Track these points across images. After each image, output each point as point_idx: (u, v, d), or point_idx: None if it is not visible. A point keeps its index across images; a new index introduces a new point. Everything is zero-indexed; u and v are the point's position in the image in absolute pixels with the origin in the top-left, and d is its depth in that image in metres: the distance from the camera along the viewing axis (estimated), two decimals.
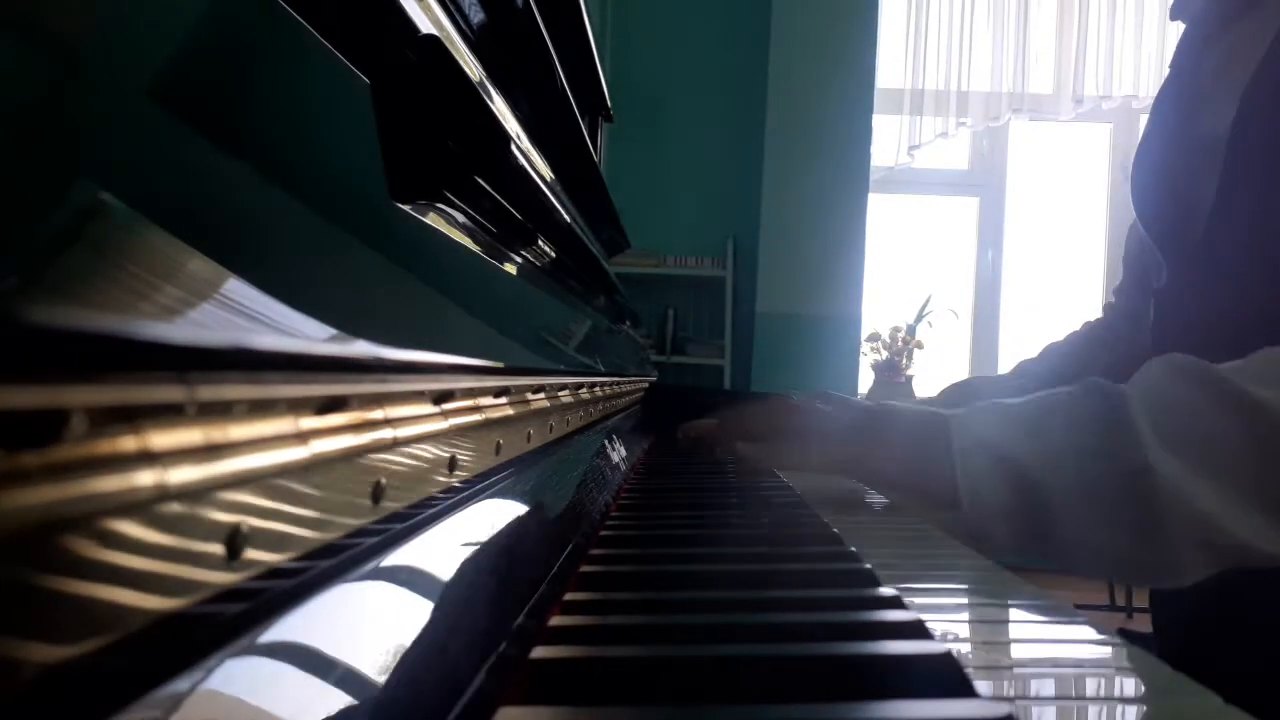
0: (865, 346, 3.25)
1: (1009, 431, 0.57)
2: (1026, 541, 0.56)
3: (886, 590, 0.37)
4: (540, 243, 0.58)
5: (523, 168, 0.45)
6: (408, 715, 0.21)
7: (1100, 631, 0.35)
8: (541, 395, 0.50)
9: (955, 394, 1.00)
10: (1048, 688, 0.30)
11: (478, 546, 0.30)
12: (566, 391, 0.60)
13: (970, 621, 0.39)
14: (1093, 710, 0.29)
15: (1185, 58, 0.80)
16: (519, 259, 0.52)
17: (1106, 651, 0.33)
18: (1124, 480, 0.52)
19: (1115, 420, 0.54)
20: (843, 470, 0.65)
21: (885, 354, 3.28)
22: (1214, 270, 0.71)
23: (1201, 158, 0.72)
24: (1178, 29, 0.84)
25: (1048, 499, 0.54)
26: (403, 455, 0.26)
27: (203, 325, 0.15)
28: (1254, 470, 0.52)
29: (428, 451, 0.29)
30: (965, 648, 0.33)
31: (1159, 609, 0.80)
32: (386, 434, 0.24)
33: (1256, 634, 0.67)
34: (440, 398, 0.30)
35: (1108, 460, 0.53)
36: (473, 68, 0.43)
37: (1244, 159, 0.68)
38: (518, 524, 0.36)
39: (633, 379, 1.11)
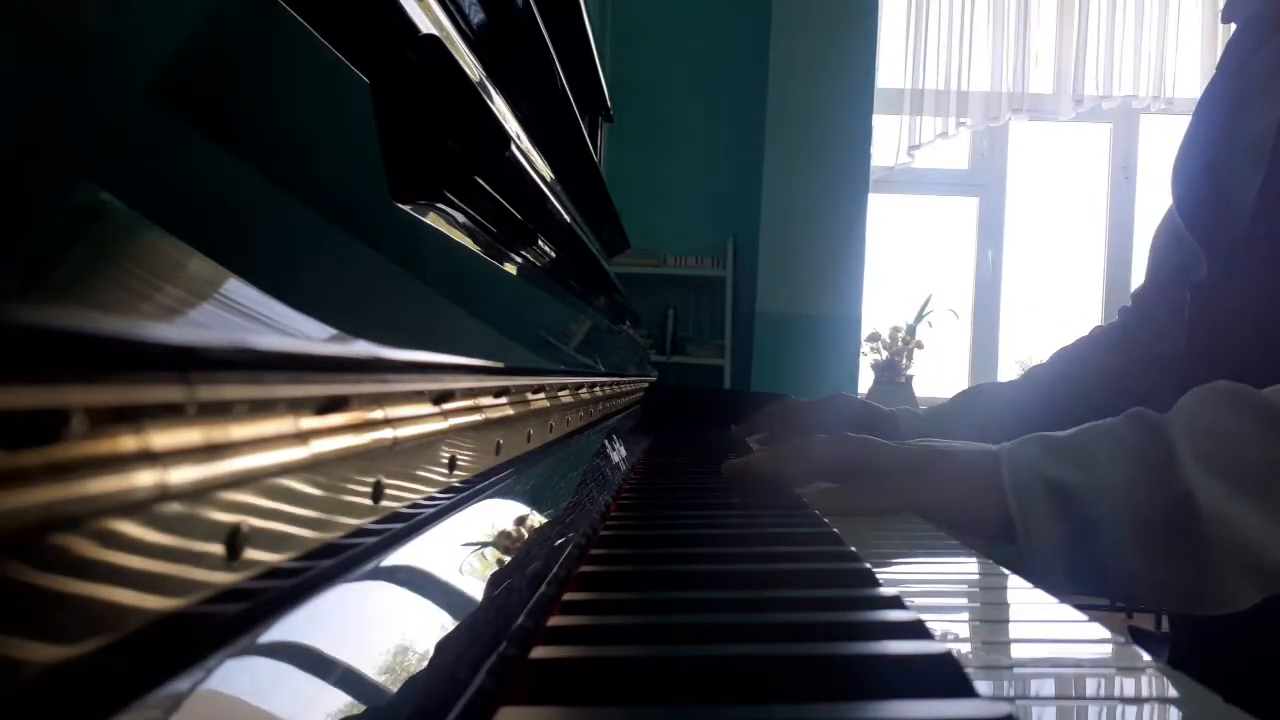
0: (865, 346, 3.25)
1: (1059, 464, 0.57)
2: (1083, 575, 0.56)
3: (886, 590, 0.37)
4: (540, 243, 0.58)
5: (523, 168, 0.45)
6: (408, 715, 0.21)
7: (1103, 631, 0.35)
8: (541, 395, 0.50)
9: (965, 401, 1.00)
10: (1048, 688, 0.30)
11: (478, 546, 0.30)
12: (566, 391, 0.60)
13: (971, 622, 0.39)
14: (1093, 710, 0.29)
15: (1234, 58, 0.81)
16: (519, 259, 0.52)
17: (1107, 651, 0.33)
18: (1169, 509, 0.52)
19: (1158, 448, 0.54)
20: (895, 509, 0.64)
21: (885, 354, 3.28)
22: (1256, 265, 0.71)
23: (1246, 155, 0.73)
24: (1177, 29, 0.85)
25: (1099, 530, 0.54)
26: (403, 455, 0.26)
27: (203, 325, 0.15)
28: None
29: (428, 451, 0.29)
30: (965, 648, 0.33)
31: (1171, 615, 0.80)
32: (386, 434, 0.24)
33: (1258, 634, 0.67)
34: (440, 398, 0.30)
35: (1152, 489, 0.53)
36: (473, 68, 0.43)
37: None
38: (517, 524, 0.36)
39: (633, 379, 1.11)
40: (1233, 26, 0.84)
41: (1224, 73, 0.82)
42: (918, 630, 0.32)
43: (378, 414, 0.24)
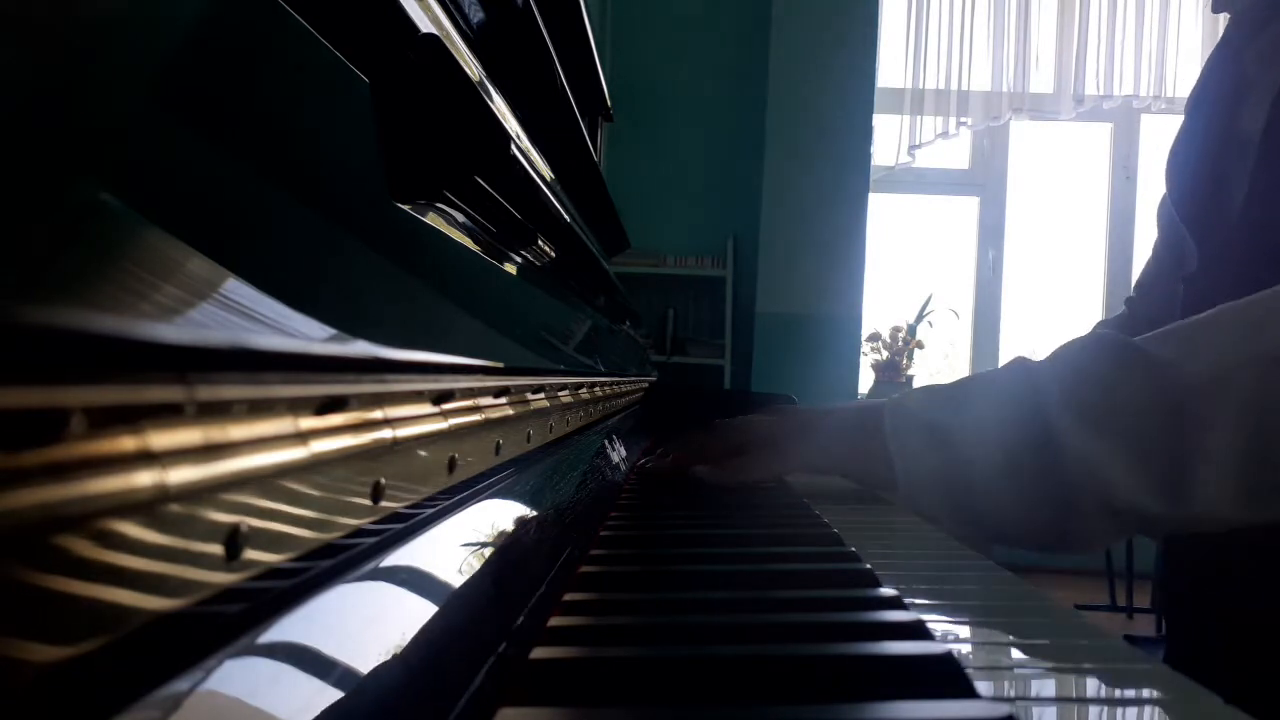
0: (866, 346, 3.25)
1: (937, 406, 0.61)
2: (960, 514, 0.59)
3: (887, 590, 0.37)
4: (540, 243, 0.58)
5: (523, 168, 0.45)
6: (408, 716, 0.21)
7: (1104, 631, 0.35)
8: (541, 395, 0.50)
9: None
10: (1048, 688, 0.30)
11: (478, 547, 0.30)
12: (566, 392, 0.60)
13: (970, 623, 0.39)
14: (1093, 711, 0.29)
15: (1228, 48, 0.81)
16: (519, 259, 0.52)
17: (1107, 652, 0.33)
18: (1035, 448, 0.55)
19: (1029, 390, 0.57)
20: (794, 468, 0.69)
21: (886, 354, 3.28)
22: (1245, 258, 0.71)
23: (1238, 146, 0.73)
24: (1177, 29, 0.85)
25: (972, 466, 0.57)
26: (402, 455, 0.26)
27: (203, 325, 0.15)
28: (1152, 432, 0.54)
29: (428, 451, 0.29)
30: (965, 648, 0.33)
31: (1165, 610, 0.80)
32: (386, 434, 0.24)
33: (1258, 634, 0.67)
34: (440, 398, 0.30)
35: (1021, 428, 0.56)
36: (473, 67, 0.43)
37: (1277, 148, 0.69)
38: (518, 524, 0.36)
39: (633, 379, 1.11)
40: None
41: (1217, 64, 0.82)
42: (918, 631, 0.32)
43: (377, 414, 0.24)
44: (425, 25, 0.33)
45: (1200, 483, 0.52)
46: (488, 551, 0.31)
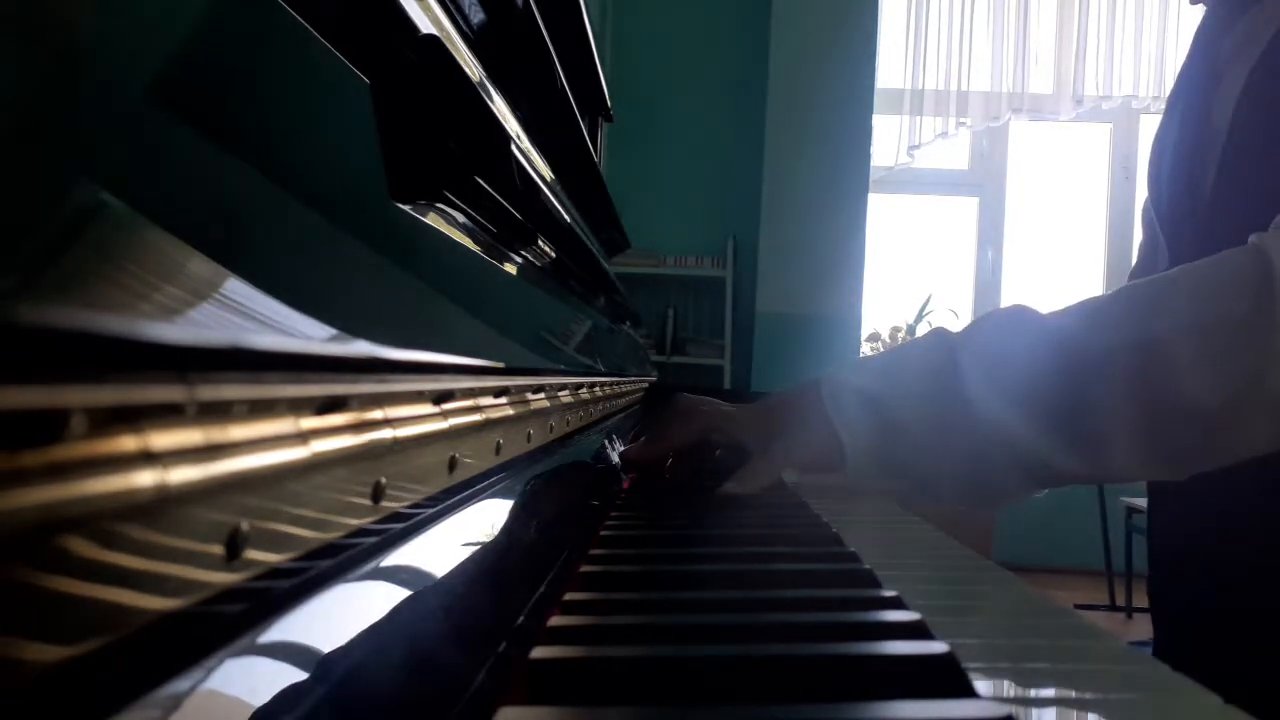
0: (865, 346, 3.25)
1: (868, 377, 0.65)
2: (897, 479, 0.64)
3: (887, 590, 0.37)
4: (540, 243, 0.58)
5: (523, 168, 0.45)
6: (408, 715, 0.21)
7: (1104, 632, 0.35)
8: (541, 395, 0.50)
9: None
10: (1048, 688, 0.30)
11: (478, 547, 0.30)
12: (566, 391, 0.60)
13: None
14: (1092, 710, 0.29)
15: (1203, 41, 0.80)
16: (519, 259, 0.52)
17: (1106, 652, 0.33)
18: (954, 415, 0.61)
19: (948, 363, 0.62)
20: (752, 449, 0.70)
21: None
22: (1213, 251, 0.71)
23: (1209, 139, 0.73)
24: (1177, 29, 0.85)
25: (904, 432, 0.62)
26: (403, 455, 0.26)
27: (203, 325, 0.15)
28: (1057, 398, 0.59)
29: (428, 451, 0.29)
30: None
31: (1159, 609, 0.80)
32: (386, 434, 0.24)
33: (1257, 634, 0.67)
34: (440, 398, 0.30)
35: (943, 397, 0.62)
36: (473, 68, 0.43)
37: (1242, 144, 0.68)
38: (517, 524, 0.36)
39: (633, 379, 1.11)
40: (1191, 14, 0.83)
41: (1193, 58, 0.81)
42: (918, 630, 0.32)
43: (377, 414, 0.24)
44: (425, 26, 0.33)
45: (1108, 443, 0.58)
46: (488, 551, 0.31)
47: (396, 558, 0.24)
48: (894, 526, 0.63)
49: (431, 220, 0.33)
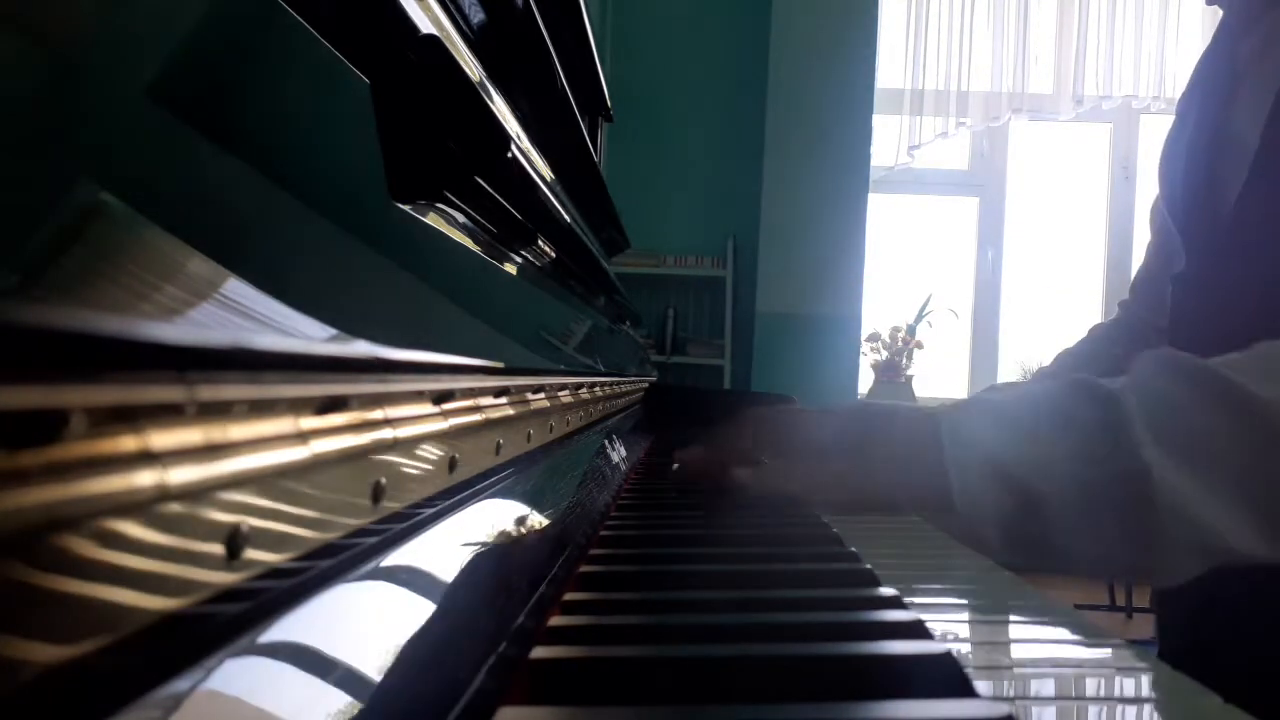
0: (865, 346, 3.25)
1: (1000, 437, 0.55)
2: (1021, 547, 0.54)
3: (887, 590, 0.37)
4: (540, 243, 0.58)
5: (523, 168, 0.45)
6: (408, 715, 0.21)
7: (1105, 632, 0.35)
8: (541, 395, 0.50)
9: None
10: (1048, 688, 0.30)
11: (478, 547, 0.30)
12: (566, 391, 0.60)
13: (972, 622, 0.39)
14: (1093, 710, 0.29)
15: (1222, 43, 0.80)
16: (519, 259, 0.52)
17: (1106, 652, 0.33)
18: (1119, 484, 0.51)
19: (1109, 421, 0.52)
20: (836, 485, 0.59)
21: (885, 354, 3.28)
22: (1236, 259, 0.70)
23: (1233, 145, 0.71)
24: (1178, 29, 0.84)
25: (1042, 504, 0.53)
26: (403, 455, 0.26)
27: (203, 325, 0.15)
28: (1243, 470, 0.50)
29: (428, 451, 0.29)
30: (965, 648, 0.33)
31: (1162, 609, 0.80)
32: (386, 434, 0.24)
33: (1258, 634, 0.67)
34: (440, 398, 0.30)
35: (1103, 464, 0.52)
36: (473, 68, 0.43)
37: (1275, 149, 0.67)
38: (517, 524, 0.36)
39: (633, 379, 1.11)
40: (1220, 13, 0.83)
41: (1210, 60, 0.81)
42: (918, 630, 0.32)
43: (377, 414, 0.24)
44: (425, 26, 0.33)
45: None
46: (488, 551, 0.31)
47: (396, 558, 0.24)
48: (895, 525, 0.63)
49: (431, 220, 0.33)
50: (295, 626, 0.18)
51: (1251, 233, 0.69)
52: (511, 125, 0.48)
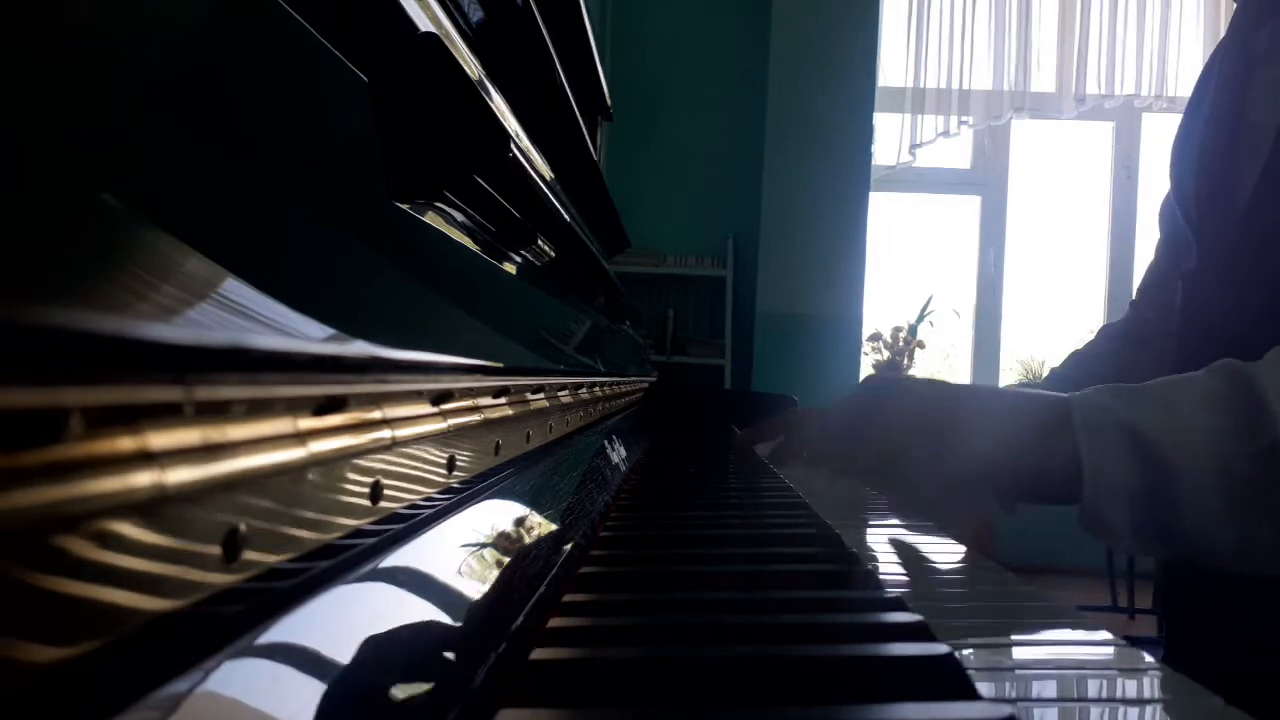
0: (867, 346, 3.25)
1: (1135, 408, 0.53)
2: (1149, 526, 0.52)
3: (888, 591, 0.37)
4: (540, 242, 0.58)
5: (522, 167, 0.45)
6: (409, 715, 0.21)
7: (1105, 632, 0.35)
8: (541, 395, 0.50)
9: None
10: (1050, 689, 0.30)
11: (477, 547, 0.30)
12: (566, 392, 0.60)
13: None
14: (1095, 712, 0.29)
15: (1236, 36, 0.79)
16: (518, 259, 0.52)
17: (1108, 652, 0.33)
18: (1260, 460, 0.49)
19: (1248, 397, 0.51)
20: (950, 483, 0.57)
21: (887, 354, 3.28)
22: (1250, 251, 0.70)
23: (1247, 140, 0.71)
24: (1179, 28, 0.84)
25: (1179, 479, 0.51)
26: (401, 456, 0.26)
27: (201, 325, 0.15)
28: None
29: (426, 452, 0.29)
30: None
31: (1166, 611, 0.80)
32: (385, 434, 0.24)
33: (1261, 636, 0.67)
34: (439, 398, 0.30)
35: (1242, 439, 0.50)
36: (472, 67, 0.43)
37: None
38: (517, 524, 0.36)
39: (632, 379, 1.11)
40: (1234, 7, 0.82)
41: (1224, 51, 0.80)
42: (920, 632, 0.31)
43: (376, 414, 0.24)
44: (425, 24, 0.33)
45: None
46: (487, 552, 0.31)
47: (395, 558, 0.24)
48: (893, 527, 0.63)
49: (430, 219, 0.33)
50: (294, 627, 0.18)
51: (1266, 228, 0.68)
52: (511, 124, 0.48)
